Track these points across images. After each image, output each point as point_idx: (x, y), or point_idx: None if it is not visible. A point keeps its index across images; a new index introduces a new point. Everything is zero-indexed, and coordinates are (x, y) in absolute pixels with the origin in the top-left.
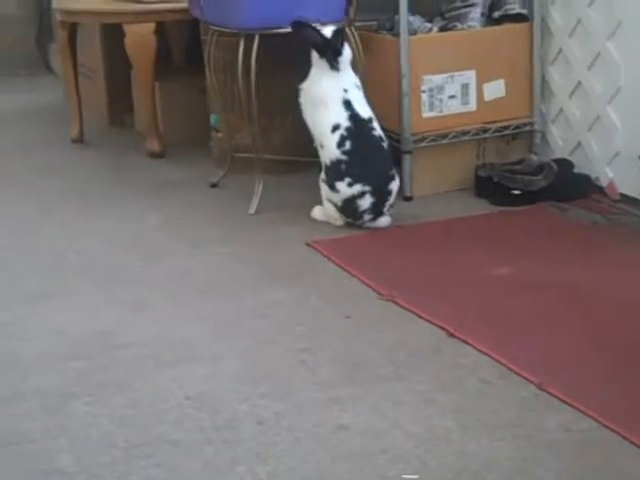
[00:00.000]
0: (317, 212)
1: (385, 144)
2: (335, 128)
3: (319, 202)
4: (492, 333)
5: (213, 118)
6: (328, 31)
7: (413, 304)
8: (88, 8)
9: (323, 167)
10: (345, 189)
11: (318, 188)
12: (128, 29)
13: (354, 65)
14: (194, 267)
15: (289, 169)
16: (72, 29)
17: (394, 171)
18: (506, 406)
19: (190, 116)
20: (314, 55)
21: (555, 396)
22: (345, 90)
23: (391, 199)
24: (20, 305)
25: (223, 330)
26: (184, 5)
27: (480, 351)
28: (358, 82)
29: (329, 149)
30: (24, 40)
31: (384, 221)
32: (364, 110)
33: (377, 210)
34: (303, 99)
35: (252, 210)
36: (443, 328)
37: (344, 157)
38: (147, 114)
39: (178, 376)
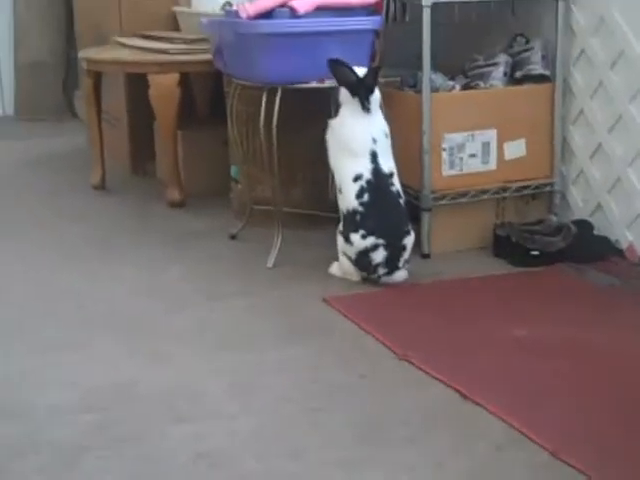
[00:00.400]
0: (334, 268)
1: (402, 200)
2: (357, 178)
3: (336, 258)
4: (506, 396)
5: (234, 170)
6: (361, 72)
7: (428, 365)
8: (113, 58)
9: (341, 216)
10: (359, 241)
11: (335, 244)
12: (152, 79)
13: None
14: (212, 320)
15: (308, 223)
16: (97, 78)
17: (409, 227)
18: (519, 473)
19: (212, 167)
20: (346, 94)
21: (569, 464)
22: (374, 140)
23: (406, 254)
24: (38, 354)
25: (239, 386)
26: (208, 57)
27: (494, 415)
28: (387, 129)
29: (348, 197)
30: (52, 86)
31: (400, 275)
32: (387, 164)
33: (391, 264)
34: (330, 136)
35: (270, 264)
36: (457, 390)
37: (361, 208)
38: (169, 163)
39: (193, 432)
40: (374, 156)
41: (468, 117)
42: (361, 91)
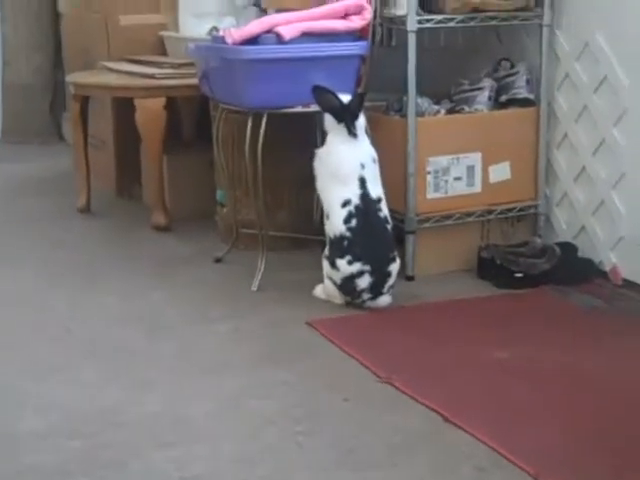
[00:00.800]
0: (319, 290)
1: (389, 226)
2: (345, 204)
3: (321, 280)
4: (489, 419)
5: (219, 193)
6: (346, 98)
7: (411, 387)
8: (100, 82)
9: (327, 241)
10: (345, 267)
11: (320, 267)
12: (139, 103)
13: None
14: (196, 345)
15: (293, 246)
16: (84, 101)
17: (395, 253)
18: None
19: (197, 190)
20: (331, 121)
21: None
22: (362, 166)
23: (391, 280)
24: (21, 379)
25: (223, 410)
26: (195, 81)
27: (476, 437)
28: (375, 155)
29: (335, 223)
30: (39, 109)
31: (384, 300)
32: (375, 190)
33: (376, 290)
34: (317, 164)
35: (254, 287)
36: (439, 413)
37: (348, 234)
38: (154, 187)
39: (177, 457)
40: (362, 182)
41: (453, 141)
42: (346, 117)
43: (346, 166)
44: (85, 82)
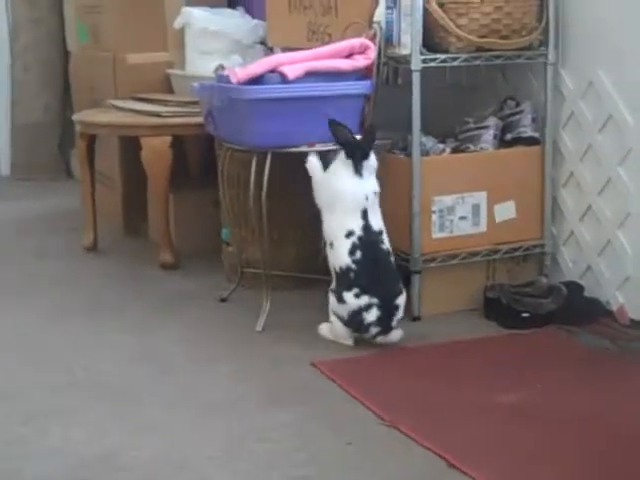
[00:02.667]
0: (325, 330)
1: (392, 258)
2: (349, 234)
3: (326, 320)
4: (494, 464)
5: (225, 232)
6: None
7: (415, 431)
8: (106, 121)
9: (333, 274)
10: (352, 300)
11: (326, 306)
12: (144, 142)
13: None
14: (198, 385)
15: (298, 285)
16: (91, 140)
17: (401, 285)
18: None
19: (203, 228)
20: (341, 153)
21: None
22: (366, 198)
23: (399, 314)
24: (23, 422)
25: (226, 453)
26: (201, 120)
27: None
28: (377, 188)
29: (340, 254)
30: (47, 146)
31: (396, 335)
32: (377, 222)
33: (384, 324)
34: (319, 187)
35: (259, 327)
36: (443, 457)
37: (354, 266)
38: (160, 225)
39: None
40: (365, 213)
41: (458, 180)
42: (356, 154)
43: (349, 198)
44: (91, 121)
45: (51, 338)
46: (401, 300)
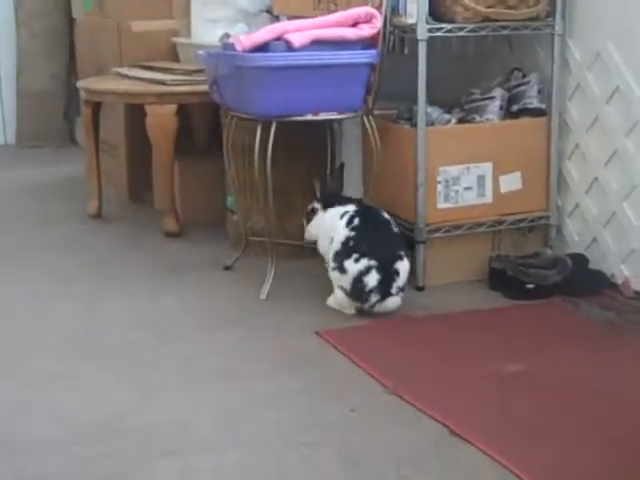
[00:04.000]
0: (331, 300)
1: (394, 227)
2: (344, 214)
3: (331, 289)
4: (497, 433)
5: (230, 200)
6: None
7: (418, 399)
8: (111, 88)
9: (332, 257)
10: (352, 266)
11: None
12: (149, 109)
13: None
14: (203, 351)
15: (303, 254)
16: (96, 107)
17: (403, 252)
18: None
19: (208, 197)
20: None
21: None
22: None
23: (399, 280)
24: (27, 385)
25: (228, 419)
26: (206, 88)
27: (483, 452)
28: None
29: (338, 233)
30: (53, 114)
31: (393, 302)
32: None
33: (384, 290)
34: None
35: (263, 295)
36: (446, 425)
37: (352, 233)
38: (165, 193)
39: (181, 467)
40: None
41: (464, 150)
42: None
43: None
44: (96, 88)
45: (55, 304)
46: (401, 266)
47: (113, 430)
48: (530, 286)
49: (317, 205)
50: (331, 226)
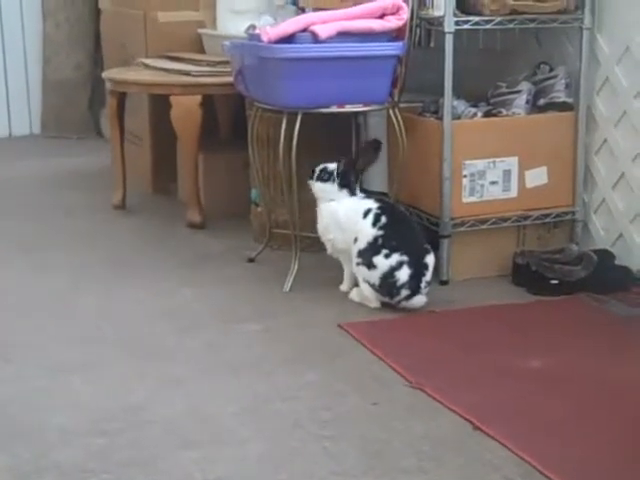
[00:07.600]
0: (354, 293)
1: (415, 221)
2: (367, 213)
3: (356, 283)
4: (519, 428)
5: (254, 192)
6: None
7: (441, 393)
8: (136, 79)
9: (356, 254)
10: (383, 262)
11: None
12: (174, 100)
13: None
14: (226, 343)
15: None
16: (121, 98)
17: (429, 246)
18: None
19: (232, 189)
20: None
21: None
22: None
23: (428, 275)
24: (49, 375)
25: (251, 411)
26: (231, 79)
27: (505, 447)
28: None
29: (364, 233)
30: (78, 104)
31: (419, 300)
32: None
33: (415, 285)
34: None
35: (287, 288)
36: (469, 420)
37: (380, 232)
38: (189, 185)
39: (201, 458)
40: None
41: (489, 144)
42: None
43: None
44: (122, 78)
45: (79, 294)
46: (430, 259)
47: (134, 420)
48: (554, 282)
49: (333, 169)
50: (348, 222)
